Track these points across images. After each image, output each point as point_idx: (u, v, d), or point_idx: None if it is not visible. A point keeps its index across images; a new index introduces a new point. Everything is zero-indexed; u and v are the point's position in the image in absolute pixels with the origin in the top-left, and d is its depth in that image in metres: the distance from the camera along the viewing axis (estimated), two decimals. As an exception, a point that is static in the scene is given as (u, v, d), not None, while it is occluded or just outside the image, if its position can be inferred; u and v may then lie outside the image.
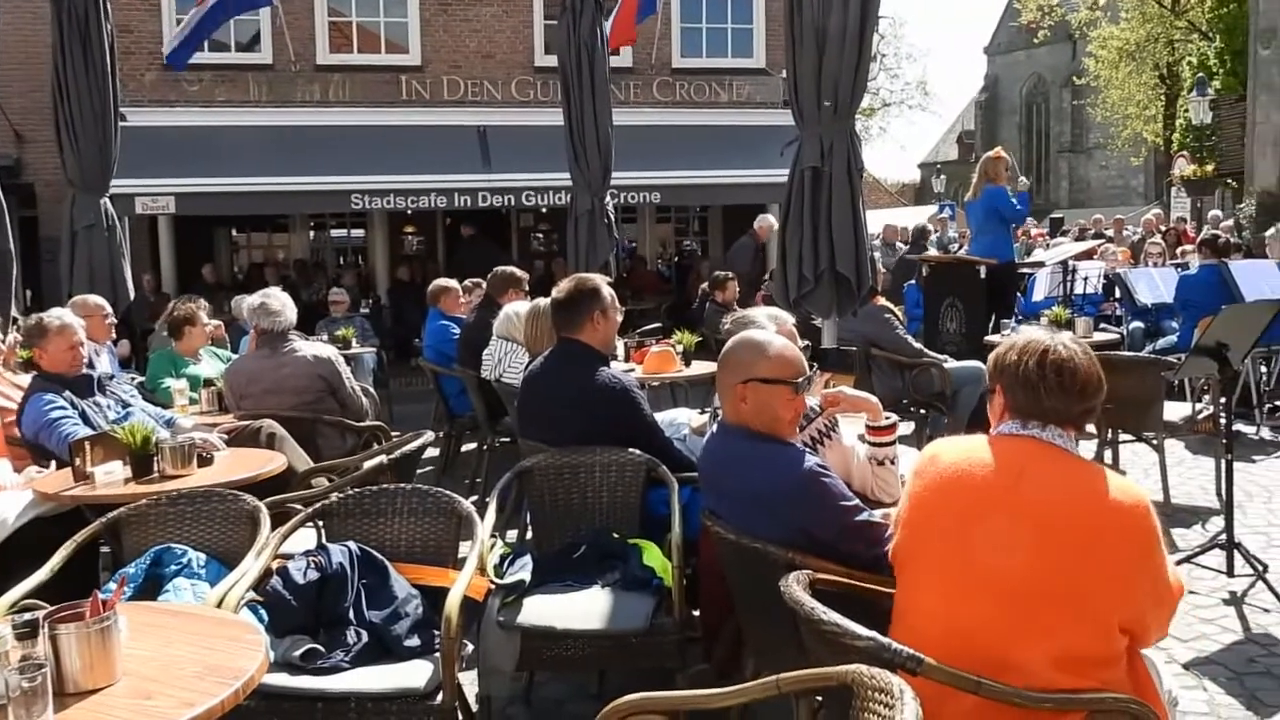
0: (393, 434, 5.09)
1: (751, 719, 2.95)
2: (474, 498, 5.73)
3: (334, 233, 17.73)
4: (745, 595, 2.89)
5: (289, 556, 3.16)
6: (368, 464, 4.27)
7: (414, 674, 2.77)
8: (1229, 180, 19.71)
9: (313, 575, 3.01)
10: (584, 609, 3.19)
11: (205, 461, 4.00)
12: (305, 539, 3.45)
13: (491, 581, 3.18)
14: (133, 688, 1.99)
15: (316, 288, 14.49)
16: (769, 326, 3.38)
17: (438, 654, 2.80)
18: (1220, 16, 22.79)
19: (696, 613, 3.31)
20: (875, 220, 13.51)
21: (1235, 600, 4.39)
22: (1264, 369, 8.22)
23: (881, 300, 6.89)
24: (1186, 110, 22.30)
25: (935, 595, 2.17)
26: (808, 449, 2.89)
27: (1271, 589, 4.33)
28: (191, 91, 14.07)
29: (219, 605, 2.76)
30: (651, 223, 18.01)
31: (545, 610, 3.18)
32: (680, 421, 4.33)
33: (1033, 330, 2.30)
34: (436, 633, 2.86)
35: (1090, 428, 6.88)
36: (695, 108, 15.42)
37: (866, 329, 6.56)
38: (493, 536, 3.39)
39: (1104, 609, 2.04)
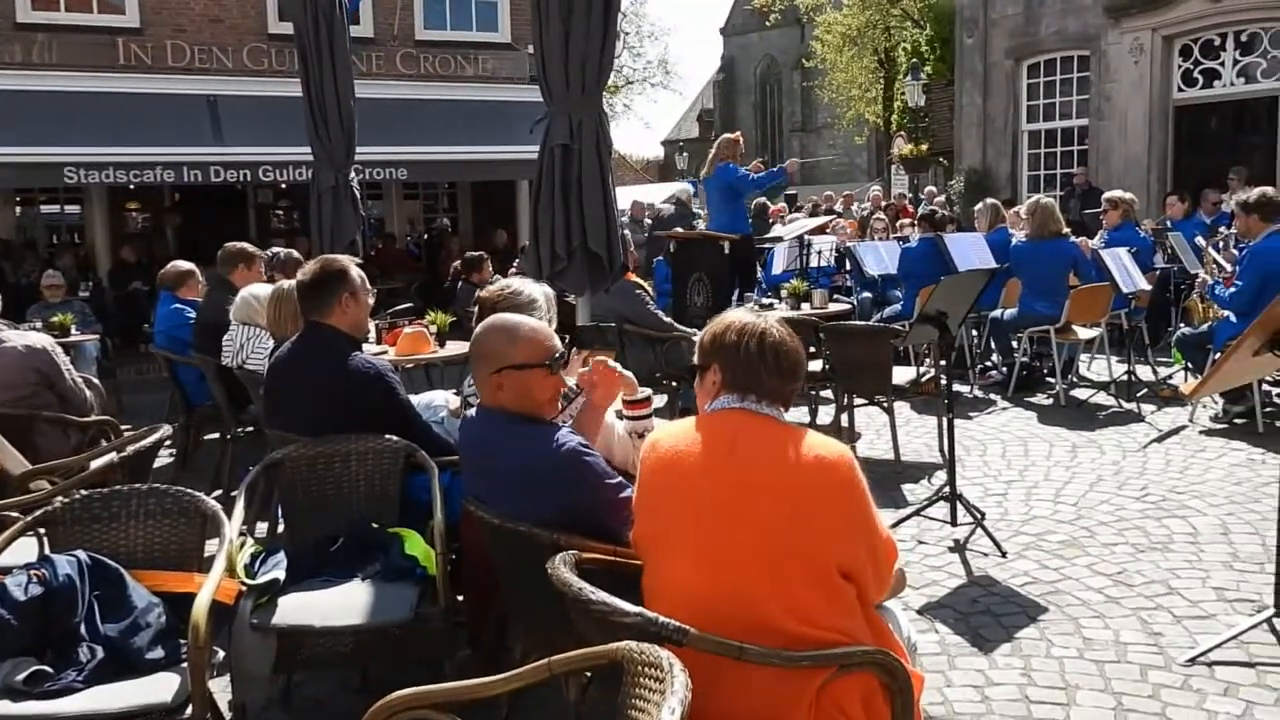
0: (123, 428, 4.74)
1: (523, 701, 2.96)
2: (218, 493, 5.40)
3: (45, 209, 16.21)
4: (511, 578, 2.88)
5: (6, 571, 2.87)
6: (96, 463, 3.94)
7: (159, 688, 2.59)
8: (941, 159, 21.41)
9: (35, 590, 2.75)
10: (344, 604, 3.08)
11: (-102, 470, 3.58)
12: (25, 550, 3.15)
13: (242, 583, 3.01)
14: None
15: (27, 270, 13.20)
16: (536, 295, 3.41)
17: (185, 664, 2.63)
18: (930, 6, 24.49)
19: (462, 598, 3.28)
20: (623, 197, 13.73)
21: (959, 547, 4.80)
22: (974, 333, 9.01)
23: (633, 276, 7.02)
24: (903, 93, 23.95)
25: (677, 573, 2.24)
26: (569, 428, 2.91)
27: (989, 534, 4.76)
28: None
29: (-77, 633, 2.47)
30: (399, 199, 17.55)
31: (302, 608, 3.05)
32: (437, 404, 4.25)
33: (739, 312, 2.42)
34: (183, 642, 2.68)
35: (828, 393, 7.34)
36: (441, 81, 15.08)
37: (619, 305, 6.67)
38: (242, 535, 3.21)
39: (823, 559, 2.18)
